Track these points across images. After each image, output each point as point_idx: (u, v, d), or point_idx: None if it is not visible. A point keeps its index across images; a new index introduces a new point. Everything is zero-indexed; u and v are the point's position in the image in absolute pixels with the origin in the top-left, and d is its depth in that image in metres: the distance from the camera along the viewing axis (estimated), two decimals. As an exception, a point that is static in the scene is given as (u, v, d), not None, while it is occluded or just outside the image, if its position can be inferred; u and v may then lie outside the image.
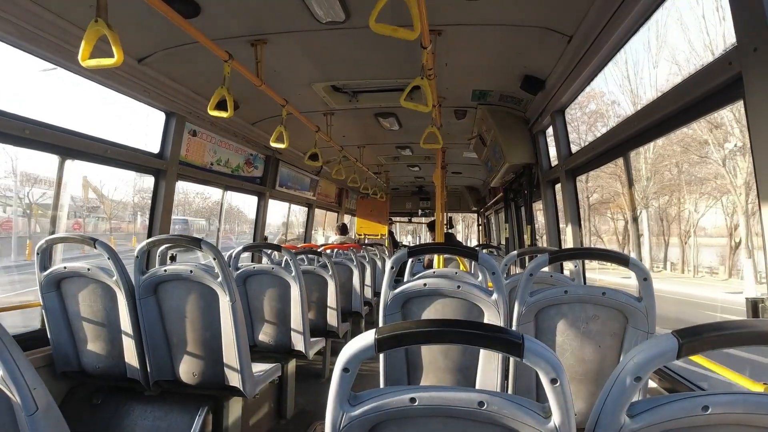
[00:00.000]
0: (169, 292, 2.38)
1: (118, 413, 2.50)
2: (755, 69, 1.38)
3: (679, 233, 13.15)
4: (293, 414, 3.40)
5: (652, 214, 14.08)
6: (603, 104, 12.42)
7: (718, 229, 12.11)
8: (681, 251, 13.00)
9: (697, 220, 12.58)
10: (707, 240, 12.58)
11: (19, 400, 1.07)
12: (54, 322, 2.44)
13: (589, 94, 8.87)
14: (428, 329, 0.81)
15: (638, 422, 0.81)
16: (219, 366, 2.38)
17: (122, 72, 2.79)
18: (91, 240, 2.32)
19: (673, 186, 12.92)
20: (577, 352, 1.82)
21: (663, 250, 13.78)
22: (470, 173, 7.97)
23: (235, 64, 2.60)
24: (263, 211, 5.44)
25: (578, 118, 10.37)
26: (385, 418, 0.88)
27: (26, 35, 2.20)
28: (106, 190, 11.16)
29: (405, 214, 11.08)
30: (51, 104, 11.34)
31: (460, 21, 2.60)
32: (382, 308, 1.87)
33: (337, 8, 2.40)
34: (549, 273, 2.73)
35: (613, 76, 12.03)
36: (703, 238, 12.67)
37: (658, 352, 0.78)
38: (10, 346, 1.07)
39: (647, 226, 12.89)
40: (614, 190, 14.61)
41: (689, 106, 1.88)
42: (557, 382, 0.79)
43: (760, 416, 0.77)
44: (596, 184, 14.55)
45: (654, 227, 14.00)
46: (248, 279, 3.32)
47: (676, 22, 9.98)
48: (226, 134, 4.25)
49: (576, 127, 7.97)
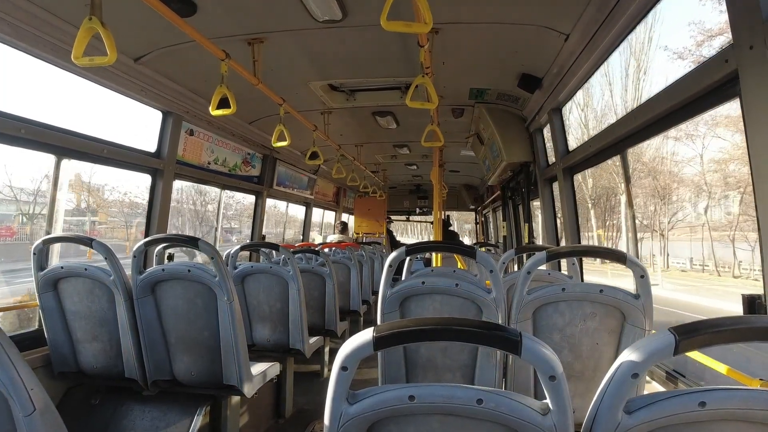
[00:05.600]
0: (166, 292, 2.37)
1: (116, 413, 2.49)
2: (751, 66, 1.39)
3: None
4: (292, 413, 3.40)
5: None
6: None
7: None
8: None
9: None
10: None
11: (16, 401, 1.07)
12: (51, 322, 2.43)
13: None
14: (426, 327, 0.81)
15: (635, 418, 0.81)
16: (217, 365, 2.38)
17: (118, 71, 2.78)
18: (88, 240, 2.31)
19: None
20: (575, 349, 1.83)
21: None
22: (468, 171, 7.98)
23: (232, 63, 2.59)
24: (260, 210, 5.44)
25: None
26: (384, 416, 0.88)
27: (21, 34, 2.19)
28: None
29: (403, 213, 11.08)
30: (47, 103, 11.29)
31: (457, 19, 2.59)
32: (381, 306, 1.87)
33: (334, 7, 2.39)
34: (547, 271, 2.74)
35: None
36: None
37: (656, 349, 0.79)
38: (7, 346, 1.07)
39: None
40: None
41: (686, 103, 1.88)
42: (555, 379, 0.79)
43: (756, 411, 0.78)
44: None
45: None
46: (246, 278, 3.32)
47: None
48: (224, 133, 4.24)
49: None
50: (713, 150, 6.59)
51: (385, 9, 1.76)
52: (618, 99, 7.73)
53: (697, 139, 6.89)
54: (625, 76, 6.48)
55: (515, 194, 5.75)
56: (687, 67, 1.84)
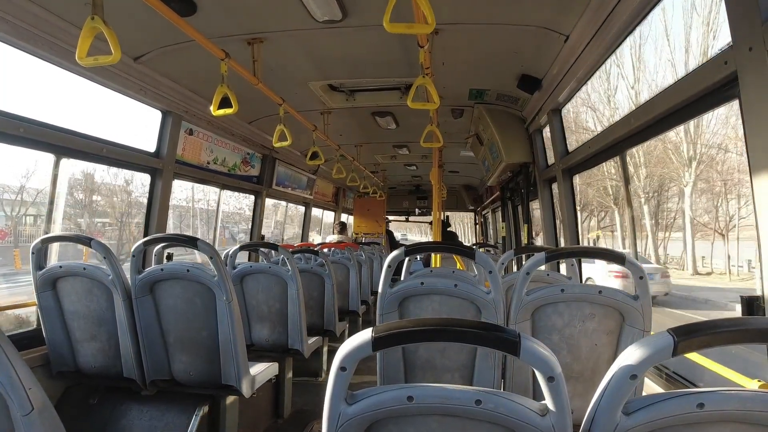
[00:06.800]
0: (165, 291, 2.37)
1: (114, 413, 2.49)
2: (751, 68, 1.39)
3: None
4: (290, 413, 3.40)
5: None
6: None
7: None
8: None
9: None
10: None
11: (14, 400, 1.07)
12: (50, 322, 2.43)
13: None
14: (425, 328, 0.81)
15: (634, 420, 0.81)
16: (216, 365, 2.38)
17: (118, 70, 2.77)
18: (87, 239, 2.31)
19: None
20: (574, 350, 1.83)
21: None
22: (467, 172, 7.98)
23: (231, 63, 2.59)
24: (260, 209, 5.44)
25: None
26: (383, 416, 0.88)
27: (22, 33, 2.19)
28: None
29: (402, 213, 11.08)
30: (47, 102, 11.28)
31: (457, 20, 2.60)
32: (379, 307, 1.87)
33: (334, 7, 2.40)
34: (546, 272, 2.74)
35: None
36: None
37: (654, 350, 0.79)
38: (5, 345, 1.07)
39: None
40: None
41: (685, 105, 1.88)
42: (554, 380, 0.79)
43: (755, 413, 0.78)
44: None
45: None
46: (245, 278, 3.32)
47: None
48: (223, 133, 4.24)
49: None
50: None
51: (388, 11, 1.76)
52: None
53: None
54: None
55: (514, 195, 5.76)
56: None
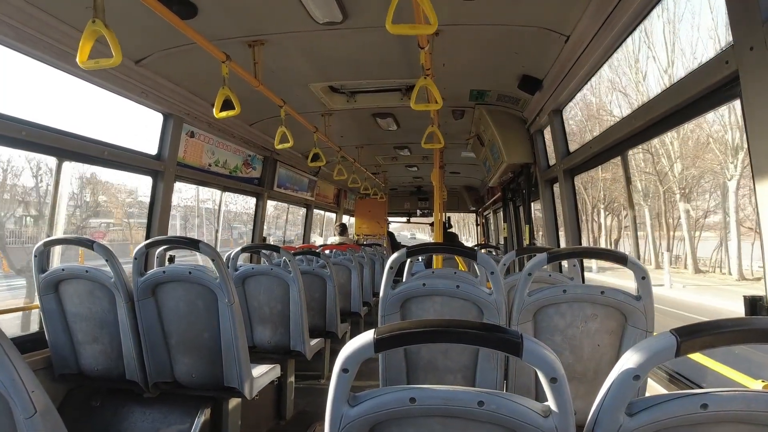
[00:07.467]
0: (167, 294, 2.37)
1: (116, 415, 2.49)
2: (752, 68, 1.39)
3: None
4: (292, 415, 3.40)
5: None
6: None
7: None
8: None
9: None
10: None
11: (17, 403, 1.07)
12: (52, 325, 2.43)
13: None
14: (427, 329, 0.81)
15: (637, 420, 0.81)
16: (218, 367, 2.38)
17: (119, 73, 2.78)
18: (89, 242, 2.32)
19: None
20: (576, 351, 1.82)
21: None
22: (468, 173, 7.97)
23: (232, 65, 2.60)
24: (261, 211, 5.44)
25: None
26: (385, 418, 0.88)
27: (24, 37, 2.19)
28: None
29: (403, 214, 11.08)
30: (48, 106, 11.29)
31: (457, 21, 2.60)
32: (381, 308, 1.87)
33: (335, 9, 2.40)
34: (548, 272, 2.73)
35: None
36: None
37: (657, 351, 0.78)
38: (8, 348, 1.07)
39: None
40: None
41: (687, 104, 1.88)
42: (556, 381, 0.79)
43: (759, 413, 0.77)
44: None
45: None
46: (247, 280, 3.32)
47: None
48: (224, 135, 4.25)
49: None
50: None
51: (390, 12, 1.76)
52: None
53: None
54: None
55: (516, 195, 5.75)
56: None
